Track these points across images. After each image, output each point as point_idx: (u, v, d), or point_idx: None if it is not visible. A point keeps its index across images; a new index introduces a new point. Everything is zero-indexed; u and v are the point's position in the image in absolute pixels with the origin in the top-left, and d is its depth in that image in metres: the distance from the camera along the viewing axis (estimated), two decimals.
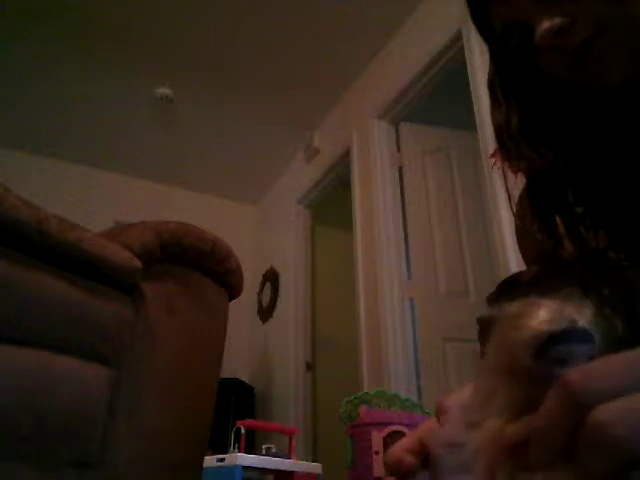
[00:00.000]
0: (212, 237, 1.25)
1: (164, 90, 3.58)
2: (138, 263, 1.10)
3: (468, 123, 2.64)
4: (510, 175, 0.48)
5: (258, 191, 4.84)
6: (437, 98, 3.05)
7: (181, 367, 1.15)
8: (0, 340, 0.93)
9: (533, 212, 0.44)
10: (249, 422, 1.95)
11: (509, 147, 0.42)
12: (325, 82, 3.53)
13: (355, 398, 1.72)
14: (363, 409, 1.59)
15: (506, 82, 0.41)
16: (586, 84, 0.36)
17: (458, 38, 2.62)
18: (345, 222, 3.60)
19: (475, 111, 2.43)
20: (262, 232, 4.75)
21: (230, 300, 1.31)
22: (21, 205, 1.00)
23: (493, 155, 1.46)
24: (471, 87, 2.49)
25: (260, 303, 4.38)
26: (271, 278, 4.29)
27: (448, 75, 2.84)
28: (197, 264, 1.23)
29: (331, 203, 4.11)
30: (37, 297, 0.99)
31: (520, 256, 1.82)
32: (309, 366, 3.67)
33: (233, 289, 1.30)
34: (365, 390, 2.75)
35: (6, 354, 0.93)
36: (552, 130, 0.38)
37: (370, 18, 3.02)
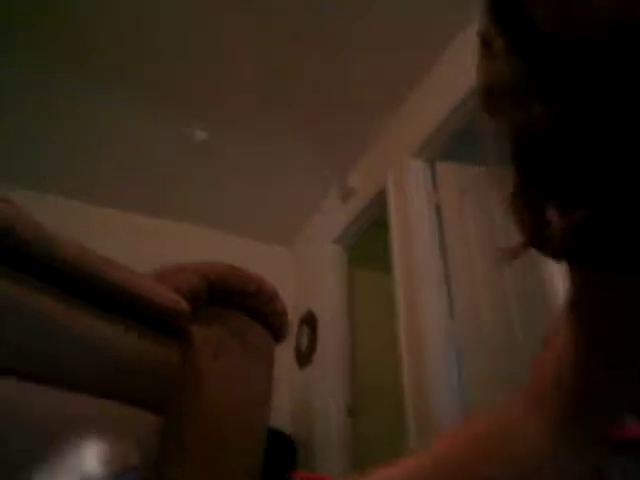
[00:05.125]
0: (258, 278, 1.23)
1: (198, 132, 3.66)
2: (186, 306, 1.08)
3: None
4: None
5: (293, 232, 4.85)
6: (474, 135, 3.02)
7: (228, 412, 1.10)
8: (43, 381, 0.91)
9: (517, 178, 0.38)
10: (304, 475, 1.86)
11: (497, 101, 0.36)
12: (360, 121, 3.55)
13: None
14: None
15: (507, 31, 0.35)
16: (573, 34, 0.31)
17: None
18: (381, 263, 3.55)
19: None
20: (298, 274, 4.72)
21: (276, 343, 1.28)
22: (71, 246, 1.00)
23: None
24: None
25: (298, 348, 4.31)
26: (309, 321, 4.23)
27: None
28: (243, 305, 1.20)
29: (367, 243, 4.07)
30: (83, 339, 0.97)
31: None
32: (351, 413, 3.55)
33: (279, 331, 1.26)
34: (411, 436, 2.64)
35: (48, 397, 0.91)
36: (552, 85, 0.33)
37: (405, 56, 3.05)
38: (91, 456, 0.32)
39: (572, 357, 0.42)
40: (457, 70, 2.90)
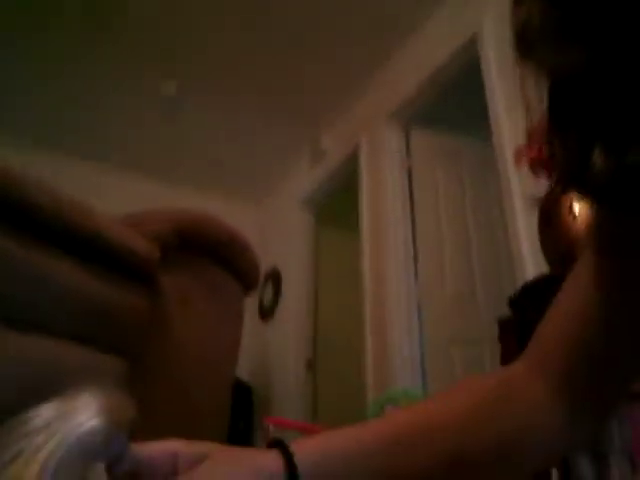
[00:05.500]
0: (230, 228, 1.23)
1: (168, 87, 3.52)
2: (156, 252, 1.07)
3: (481, 127, 2.62)
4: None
5: (262, 191, 4.81)
6: (450, 102, 3.02)
7: (195, 359, 1.11)
8: (12, 325, 0.89)
9: (553, 125, 0.38)
10: (277, 420, 1.91)
11: (530, 47, 0.36)
12: (335, 83, 3.50)
13: (385, 398, 1.68)
14: (389, 409, 1.56)
15: None
16: None
17: (472, 42, 2.59)
18: (350, 223, 3.58)
19: (490, 113, 2.40)
20: (265, 232, 4.71)
21: (246, 293, 1.28)
22: (42, 190, 0.97)
23: (517, 159, 1.43)
24: (486, 92, 2.46)
25: (261, 302, 4.35)
26: (273, 277, 4.26)
27: (462, 80, 2.82)
28: (214, 254, 1.19)
29: (336, 204, 4.08)
30: (54, 284, 0.95)
31: (536, 260, 1.78)
32: (310, 365, 3.63)
33: (250, 282, 1.27)
34: (369, 392, 2.73)
35: (18, 340, 0.90)
36: (585, 28, 0.33)
37: (384, 20, 3.00)
38: (87, 406, 0.28)
39: (591, 309, 0.41)
40: (436, 37, 2.87)
